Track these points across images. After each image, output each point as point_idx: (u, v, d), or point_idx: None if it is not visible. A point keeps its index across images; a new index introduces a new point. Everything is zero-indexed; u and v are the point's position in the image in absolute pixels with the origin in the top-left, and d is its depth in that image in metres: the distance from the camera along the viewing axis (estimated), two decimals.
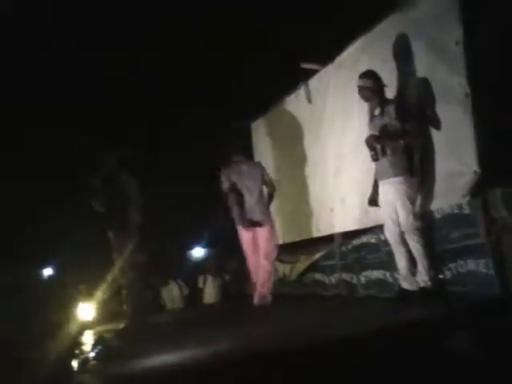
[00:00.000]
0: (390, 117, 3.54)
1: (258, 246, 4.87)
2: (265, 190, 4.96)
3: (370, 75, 3.70)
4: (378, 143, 3.55)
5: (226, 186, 4.85)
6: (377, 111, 3.68)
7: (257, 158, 6.42)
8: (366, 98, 3.75)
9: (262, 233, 4.79)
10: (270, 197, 4.93)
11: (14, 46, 6.91)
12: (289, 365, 2.32)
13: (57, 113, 7.84)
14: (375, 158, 3.57)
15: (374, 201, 3.77)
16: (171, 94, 7.60)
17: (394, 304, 3.65)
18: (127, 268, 4.32)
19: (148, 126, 7.97)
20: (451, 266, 3.38)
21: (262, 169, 4.96)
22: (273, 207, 5.70)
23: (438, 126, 3.50)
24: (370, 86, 3.66)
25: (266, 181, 4.88)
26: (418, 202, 3.61)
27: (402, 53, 3.79)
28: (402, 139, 3.51)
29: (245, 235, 4.85)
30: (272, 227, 4.89)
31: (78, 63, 7.49)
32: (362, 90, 3.72)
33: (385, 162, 3.53)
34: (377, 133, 3.59)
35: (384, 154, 3.53)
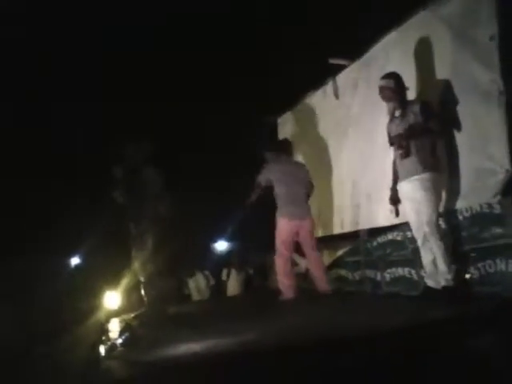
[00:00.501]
0: (415, 116, 3.52)
1: (293, 242, 4.86)
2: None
3: (391, 76, 3.71)
4: (406, 141, 3.52)
5: (264, 179, 4.86)
6: (397, 112, 3.67)
7: None
8: (386, 99, 3.74)
9: (307, 226, 4.81)
10: (309, 195, 4.97)
11: None
12: (305, 359, 2.33)
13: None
14: (404, 156, 3.54)
15: (395, 199, 3.76)
16: (196, 88, 7.67)
17: (418, 302, 3.62)
18: (147, 260, 4.39)
19: (176, 122, 8.07)
20: (479, 265, 3.33)
21: (307, 170, 5.03)
22: None
23: (469, 123, 3.44)
24: (391, 86, 3.66)
25: (309, 181, 4.95)
26: (445, 200, 3.57)
27: (433, 49, 3.75)
28: (429, 137, 3.48)
29: (287, 229, 4.80)
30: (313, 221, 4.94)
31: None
32: (382, 91, 3.74)
33: (410, 160, 3.50)
34: (401, 132, 3.57)
35: (409, 152, 3.50)
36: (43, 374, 2.87)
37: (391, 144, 3.73)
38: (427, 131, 3.48)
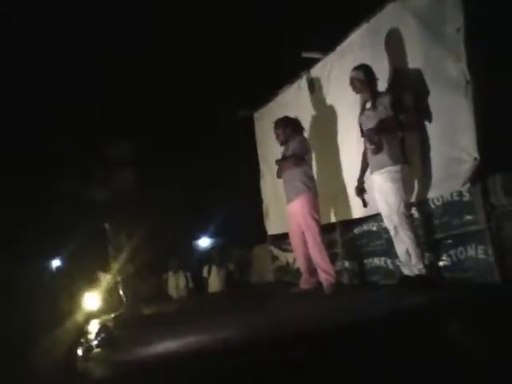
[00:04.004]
0: (385, 108, 3.56)
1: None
2: None
3: (361, 68, 3.78)
4: (378, 136, 3.56)
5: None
6: (368, 104, 3.73)
7: (259, 148, 6.46)
8: (356, 90, 3.83)
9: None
10: None
11: None
12: (284, 354, 2.34)
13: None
14: (376, 152, 3.58)
15: (361, 189, 3.84)
16: (172, 85, 7.61)
17: (392, 291, 3.68)
18: (123, 259, 4.37)
19: (153, 120, 7.99)
20: (451, 252, 3.41)
21: None
22: (276, 196, 5.74)
23: (438, 114, 3.49)
24: (361, 78, 3.74)
25: None
26: (418, 190, 3.62)
27: (403, 40, 3.78)
28: (400, 131, 3.53)
29: None
30: None
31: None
32: (353, 82, 3.82)
33: (381, 153, 3.54)
34: (372, 126, 3.61)
35: (381, 148, 3.55)
36: (20, 376, 2.83)
37: (362, 136, 3.78)
38: (397, 124, 3.53)
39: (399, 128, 3.53)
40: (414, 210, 3.70)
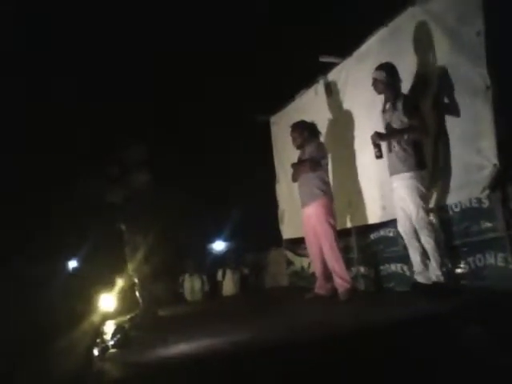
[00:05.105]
0: (398, 112, 3.53)
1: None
2: None
3: (384, 68, 3.69)
4: (382, 140, 3.54)
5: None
6: (388, 105, 3.68)
7: (275, 152, 6.47)
8: (378, 91, 3.76)
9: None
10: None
11: None
12: (298, 359, 2.34)
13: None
14: (378, 156, 3.59)
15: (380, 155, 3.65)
16: (189, 88, 7.66)
17: (408, 297, 3.64)
18: (140, 261, 4.40)
19: (168, 122, 8.04)
20: (470, 259, 3.36)
21: None
22: (292, 200, 5.73)
23: (457, 119, 3.45)
24: (383, 79, 3.66)
25: None
26: (435, 196, 3.58)
27: (422, 45, 3.76)
28: (412, 134, 3.48)
29: None
30: None
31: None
32: (375, 82, 3.75)
33: (394, 157, 3.53)
34: (383, 129, 3.58)
35: (390, 150, 3.52)
36: (37, 377, 2.87)
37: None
38: (409, 128, 3.48)
39: (414, 133, 3.48)
40: (432, 216, 3.65)
